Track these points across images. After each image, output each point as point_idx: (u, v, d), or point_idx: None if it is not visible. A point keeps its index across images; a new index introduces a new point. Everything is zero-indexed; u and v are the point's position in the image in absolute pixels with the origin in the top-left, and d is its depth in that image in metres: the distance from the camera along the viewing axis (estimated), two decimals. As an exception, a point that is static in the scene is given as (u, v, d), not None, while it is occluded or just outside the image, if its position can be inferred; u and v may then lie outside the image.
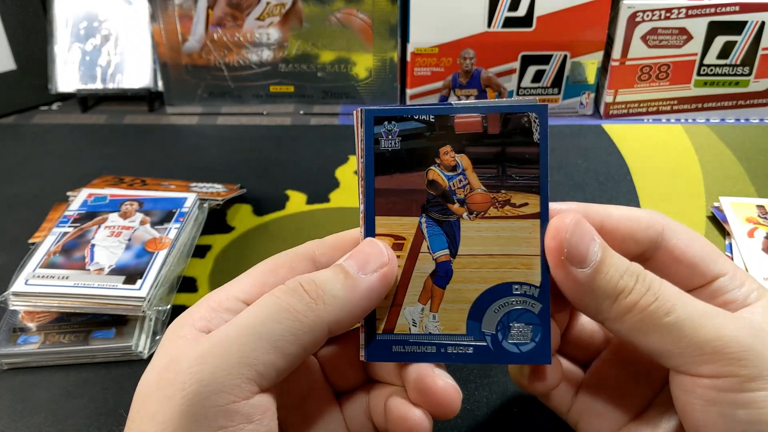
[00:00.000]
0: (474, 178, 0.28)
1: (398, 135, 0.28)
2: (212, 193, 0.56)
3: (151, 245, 0.47)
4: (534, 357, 0.28)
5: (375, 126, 0.28)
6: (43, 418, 0.39)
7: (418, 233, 0.28)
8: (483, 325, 0.28)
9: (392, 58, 0.71)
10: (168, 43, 0.70)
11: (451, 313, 0.28)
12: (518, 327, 0.28)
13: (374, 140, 0.28)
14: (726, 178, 0.60)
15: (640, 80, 0.69)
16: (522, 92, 0.71)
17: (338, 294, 0.26)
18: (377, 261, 0.27)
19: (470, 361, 0.29)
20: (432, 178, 0.28)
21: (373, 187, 0.28)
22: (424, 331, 0.28)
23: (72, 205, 0.51)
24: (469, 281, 0.28)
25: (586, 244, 0.26)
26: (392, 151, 0.28)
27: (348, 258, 0.28)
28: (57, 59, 0.73)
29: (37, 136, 0.70)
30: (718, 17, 0.66)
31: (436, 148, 0.28)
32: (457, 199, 0.28)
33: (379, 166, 0.28)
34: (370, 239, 0.28)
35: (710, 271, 0.28)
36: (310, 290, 0.26)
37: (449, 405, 0.28)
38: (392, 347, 0.28)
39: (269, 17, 0.70)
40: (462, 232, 0.28)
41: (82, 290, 0.43)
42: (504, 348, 0.28)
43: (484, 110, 0.28)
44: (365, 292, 0.27)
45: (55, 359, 0.43)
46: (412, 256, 0.29)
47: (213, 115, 0.74)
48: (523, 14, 0.67)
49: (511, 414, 0.39)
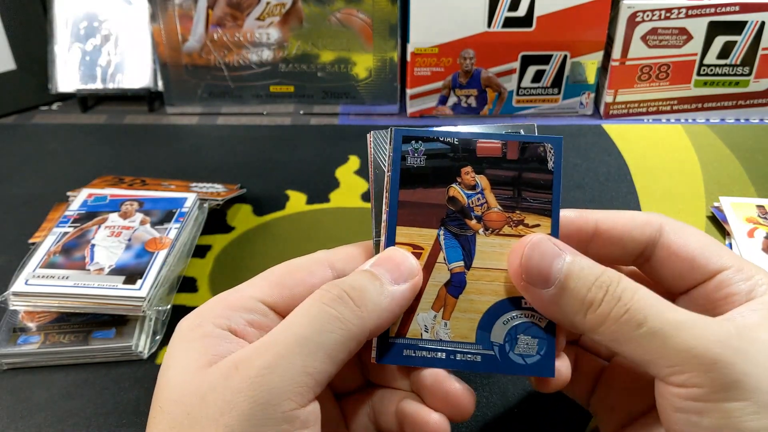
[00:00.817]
0: (491, 197, 0.30)
1: (424, 154, 0.31)
2: (212, 193, 0.56)
3: (151, 245, 0.47)
4: (538, 370, 0.29)
5: (403, 144, 0.31)
6: (43, 418, 0.39)
7: (436, 244, 0.30)
8: (492, 336, 0.30)
9: (392, 58, 0.71)
10: (168, 43, 0.70)
11: (462, 321, 0.30)
12: (525, 340, 0.29)
13: (401, 156, 0.31)
14: (726, 178, 0.60)
15: (640, 80, 0.69)
16: (522, 92, 0.71)
17: (378, 301, 0.27)
18: (409, 271, 0.29)
19: (477, 369, 0.30)
20: (452, 194, 0.31)
21: (397, 198, 0.30)
22: (435, 337, 0.30)
23: (72, 205, 0.51)
24: (481, 293, 0.30)
25: (547, 263, 0.27)
26: (417, 167, 0.31)
27: (377, 265, 0.29)
28: (57, 59, 0.73)
29: (37, 136, 0.70)
30: (718, 17, 0.66)
31: (458, 168, 0.31)
32: (475, 215, 0.30)
33: (404, 180, 0.31)
34: (395, 248, 0.30)
35: (711, 265, 0.28)
36: (354, 297, 0.27)
37: (466, 407, 0.29)
38: (404, 351, 0.30)
39: (269, 17, 0.70)
40: (477, 247, 0.30)
41: (82, 290, 0.43)
42: (510, 359, 0.29)
43: (504, 138, 0.31)
44: (400, 300, 0.28)
45: (55, 359, 0.43)
46: (429, 265, 0.30)
47: (213, 115, 0.74)
48: (523, 14, 0.67)
49: (511, 414, 0.39)
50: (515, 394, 0.40)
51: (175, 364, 0.27)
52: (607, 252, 0.30)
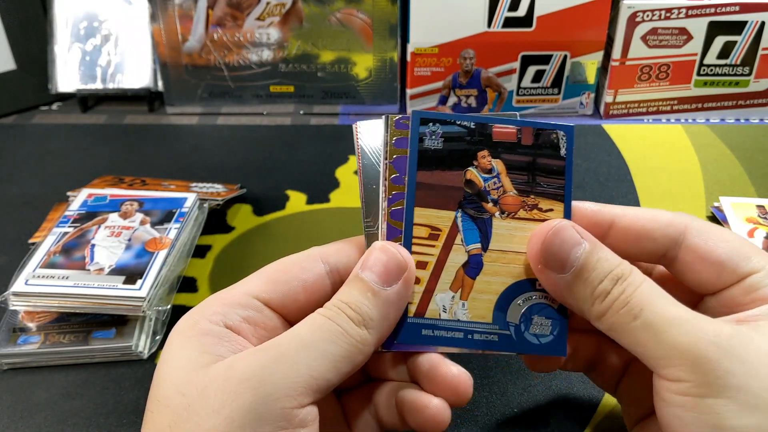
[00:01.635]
0: (507, 181, 0.31)
1: (441, 136, 0.31)
2: (212, 193, 0.56)
3: (151, 245, 0.47)
4: (552, 349, 0.30)
5: (421, 126, 0.31)
6: (43, 418, 0.39)
7: (454, 226, 0.31)
8: (508, 316, 0.30)
9: (392, 58, 0.71)
10: (168, 43, 0.70)
11: (479, 302, 0.31)
12: (539, 320, 0.30)
13: (419, 138, 0.31)
14: (726, 178, 0.60)
15: (640, 80, 0.69)
16: (522, 92, 0.71)
17: (374, 315, 0.28)
18: (397, 269, 0.29)
19: (494, 348, 0.30)
20: (469, 177, 0.31)
21: (415, 180, 0.31)
22: (453, 317, 0.30)
23: (72, 205, 0.51)
24: (498, 274, 0.31)
25: (567, 250, 0.28)
26: (434, 149, 0.31)
27: (365, 269, 0.29)
28: (57, 59, 0.73)
29: (37, 136, 0.70)
30: (718, 17, 0.66)
31: (475, 152, 0.31)
32: (491, 199, 0.31)
33: (421, 162, 0.31)
34: (381, 244, 0.30)
35: (740, 269, 0.28)
36: (352, 316, 0.27)
37: (464, 391, 0.29)
38: (422, 331, 0.30)
39: (269, 17, 0.70)
40: (494, 230, 0.31)
41: (82, 290, 0.43)
42: (526, 339, 0.30)
43: (519, 123, 0.31)
44: (396, 301, 0.29)
45: (55, 359, 0.43)
46: (447, 247, 0.31)
47: (213, 115, 0.74)
48: (523, 14, 0.67)
49: (511, 414, 0.39)
50: (515, 393, 0.40)
51: (172, 360, 0.27)
52: (622, 250, 0.30)
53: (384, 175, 0.31)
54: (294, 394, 0.25)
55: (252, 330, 0.28)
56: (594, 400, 0.39)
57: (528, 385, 0.41)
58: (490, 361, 0.42)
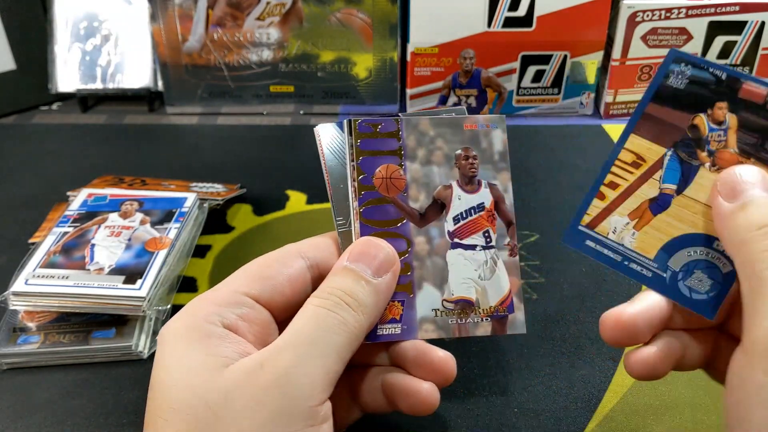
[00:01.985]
0: (733, 138, 0.31)
1: (688, 77, 0.31)
2: (212, 193, 0.56)
3: (151, 245, 0.47)
4: (700, 307, 0.30)
5: (673, 63, 0.31)
6: (43, 418, 0.39)
7: (658, 162, 0.32)
8: (670, 260, 0.31)
9: (392, 58, 0.71)
10: (168, 43, 0.70)
11: (650, 237, 0.32)
12: (700, 276, 0.31)
13: (665, 75, 0.32)
14: (726, 178, 0.60)
15: (640, 80, 0.69)
16: (522, 92, 0.71)
17: (368, 302, 0.29)
18: (387, 261, 0.30)
19: (644, 281, 0.31)
20: (696, 123, 0.31)
21: (643, 109, 0.32)
22: (619, 240, 0.32)
23: (72, 205, 0.51)
24: (681, 220, 0.31)
25: (743, 183, 0.28)
26: (675, 88, 0.31)
27: (354, 260, 0.30)
28: (57, 59, 0.73)
29: (37, 136, 0.70)
30: (718, 17, 0.66)
31: (714, 101, 0.31)
32: (708, 149, 0.31)
33: (657, 96, 0.32)
34: (368, 238, 0.31)
35: None
36: (350, 303, 0.28)
37: (450, 373, 0.31)
38: (586, 240, 0.32)
39: (269, 17, 0.70)
40: (696, 178, 0.31)
41: (82, 290, 0.43)
42: (678, 287, 0.31)
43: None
44: (386, 292, 0.30)
45: (55, 359, 0.43)
46: (643, 178, 0.32)
47: (213, 115, 0.74)
48: (523, 14, 0.67)
49: (511, 414, 0.39)
50: (515, 393, 0.40)
51: (178, 365, 0.27)
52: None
53: (351, 176, 0.32)
54: (316, 392, 0.26)
55: (248, 327, 0.29)
56: (594, 400, 0.39)
57: (528, 385, 0.41)
58: (490, 360, 0.42)
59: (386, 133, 0.34)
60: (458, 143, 0.34)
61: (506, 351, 0.43)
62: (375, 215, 0.33)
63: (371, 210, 0.33)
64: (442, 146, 0.34)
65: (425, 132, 0.34)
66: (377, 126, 0.33)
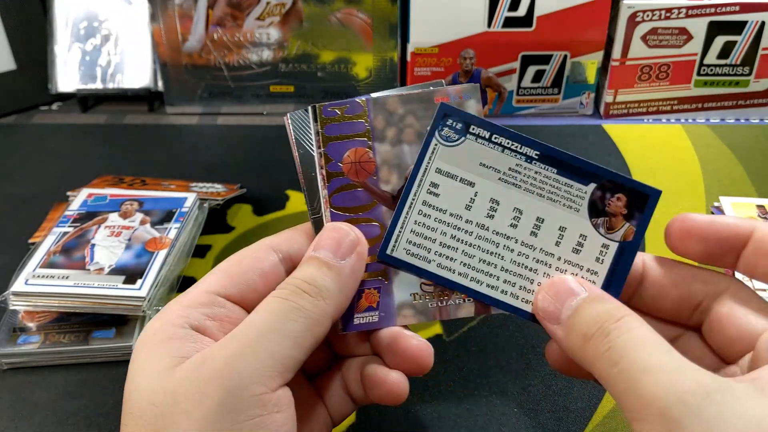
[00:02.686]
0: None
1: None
2: (212, 193, 0.56)
3: (151, 245, 0.47)
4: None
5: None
6: (43, 418, 0.39)
7: None
8: None
9: (392, 58, 0.71)
10: (168, 43, 0.70)
11: None
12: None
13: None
14: (726, 178, 0.60)
15: (640, 80, 0.69)
16: (522, 92, 0.71)
17: (330, 287, 0.28)
18: (350, 243, 0.30)
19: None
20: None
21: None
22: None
23: (72, 205, 0.51)
24: None
25: (560, 303, 0.28)
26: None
27: (318, 247, 0.30)
28: (57, 59, 0.73)
29: (37, 136, 0.70)
30: (718, 17, 0.66)
31: None
32: None
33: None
34: (332, 224, 0.31)
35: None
36: (308, 290, 0.28)
37: (425, 361, 0.30)
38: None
39: (269, 17, 0.70)
40: None
41: (82, 290, 0.43)
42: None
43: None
44: (350, 274, 0.29)
45: (55, 359, 0.43)
46: None
47: (213, 115, 0.74)
48: (523, 14, 0.67)
49: (511, 414, 0.39)
50: (515, 393, 0.40)
51: (141, 370, 0.27)
52: (754, 268, 0.27)
53: (319, 164, 0.32)
54: (262, 379, 0.25)
55: (218, 326, 0.29)
56: (594, 400, 0.39)
57: (528, 385, 0.41)
58: (490, 360, 0.42)
59: (352, 116, 0.32)
60: (430, 119, 0.32)
61: (506, 351, 0.43)
62: (345, 202, 0.32)
63: (341, 197, 0.32)
64: (413, 123, 0.32)
65: (393, 111, 0.33)
66: (343, 109, 0.32)
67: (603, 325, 0.26)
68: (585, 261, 0.30)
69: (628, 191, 0.30)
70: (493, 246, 0.31)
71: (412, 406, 0.39)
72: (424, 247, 0.31)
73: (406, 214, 0.31)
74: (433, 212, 0.31)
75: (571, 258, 0.30)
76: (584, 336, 0.26)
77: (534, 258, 0.30)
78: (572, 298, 0.28)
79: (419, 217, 0.31)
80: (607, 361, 0.25)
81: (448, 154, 0.31)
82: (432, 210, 0.31)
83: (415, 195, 0.31)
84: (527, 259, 0.30)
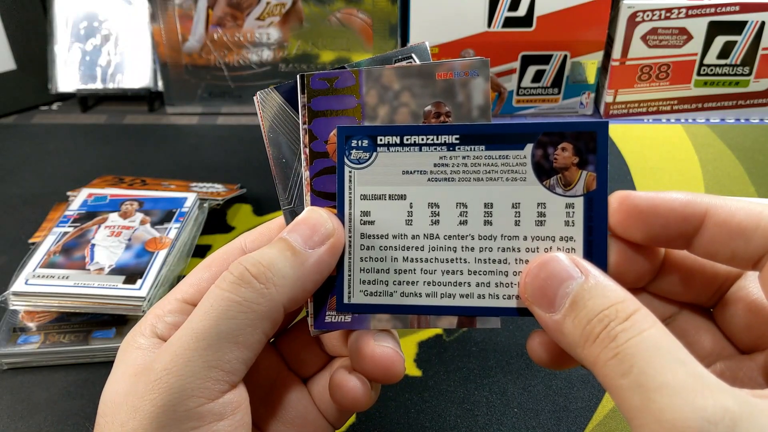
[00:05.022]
0: None
1: None
2: (212, 193, 0.56)
3: (151, 245, 0.47)
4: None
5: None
6: (43, 418, 0.39)
7: None
8: None
9: (392, 58, 0.71)
10: (168, 43, 0.70)
11: None
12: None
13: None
14: (726, 178, 0.60)
15: (640, 80, 0.69)
16: (522, 92, 0.71)
17: (288, 273, 0.25)
18: (323, 233, 0.27)
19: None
20: None
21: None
22: None
23: (72, 205, 0.51)
24: None
25: (554, 288, 0.24)
26: None
27: (291, 231, 0.27)
28: (57, 59, 0.73)
29: (37, 136, 0.70)
30: (718, 17, 0.66)
31: None
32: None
33: None
34: (312, 208, 0.28)
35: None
36: (257, 274, 0.25)
37: (389, 368, 0.27)
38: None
39: (269, 17, 0.70)
40: None
41: (82, 290, 0.43)
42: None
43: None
44: (315, 266, 0.26)
45: (55, 359, 0.43)
46: None
47: (213, 115, 0.74)
48: (523, 14, 0.67)
49: (511, 414, 0.39)
50: (515, 393, 0.40)
51: (108, 380, 0.27)
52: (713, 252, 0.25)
53: (303, 142, 0.28)
54: (197, 391, 0.24)
55: None
56: (594, 400, 0.39)
57: (528, 385, 0.41)
58: (490, 360, 0.42)
59: (343, 88, 0.28)
60: (428, 97, 0.28)
61: (506, 351, 0.43)
62: (328, 186, 0.28)
63: (323, 180, 0.28)
64: (409, 102, 0.28)
65: (389, 86, 0.28)
66: (333, 80, 0.28)
67: (608, 326, 0.22)
68: (554, 230, 0.27)
69: (571, 136, 0.26)
70: (451, 252, 0.27)
71: (412, 406, 0.39)
72: (380, 282, 0.28)
73: (348, 255, 0.28)
74: (375, 242, 0.28)
75: (537, 233, 0.27)
76: (585, 336, 0.23)
77: (499, 248, 0.27)
78: (568, 282, 0.24)
79: (363, 253, 0.28)
80: (614, 369, 0.22)
81: (366, 175, 0.28)
82: (373, 240, 0.28)
83: (350, 232, 0.28)
84: (492, 252, 0.27)
